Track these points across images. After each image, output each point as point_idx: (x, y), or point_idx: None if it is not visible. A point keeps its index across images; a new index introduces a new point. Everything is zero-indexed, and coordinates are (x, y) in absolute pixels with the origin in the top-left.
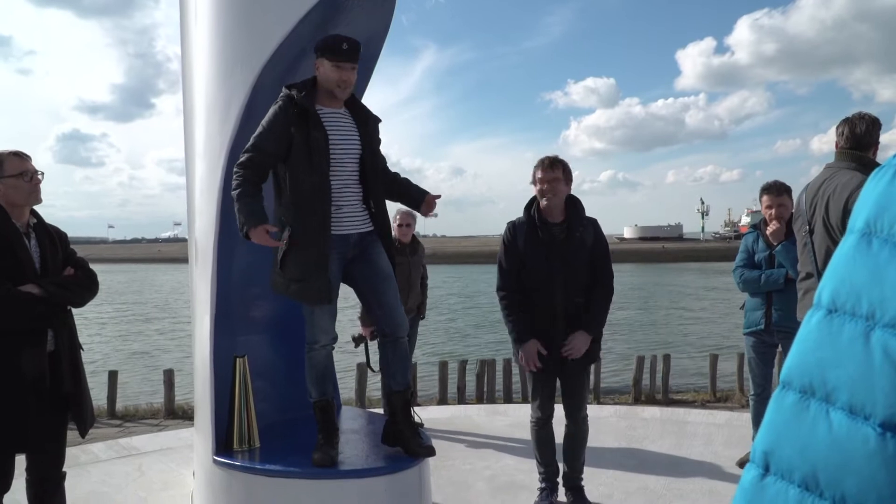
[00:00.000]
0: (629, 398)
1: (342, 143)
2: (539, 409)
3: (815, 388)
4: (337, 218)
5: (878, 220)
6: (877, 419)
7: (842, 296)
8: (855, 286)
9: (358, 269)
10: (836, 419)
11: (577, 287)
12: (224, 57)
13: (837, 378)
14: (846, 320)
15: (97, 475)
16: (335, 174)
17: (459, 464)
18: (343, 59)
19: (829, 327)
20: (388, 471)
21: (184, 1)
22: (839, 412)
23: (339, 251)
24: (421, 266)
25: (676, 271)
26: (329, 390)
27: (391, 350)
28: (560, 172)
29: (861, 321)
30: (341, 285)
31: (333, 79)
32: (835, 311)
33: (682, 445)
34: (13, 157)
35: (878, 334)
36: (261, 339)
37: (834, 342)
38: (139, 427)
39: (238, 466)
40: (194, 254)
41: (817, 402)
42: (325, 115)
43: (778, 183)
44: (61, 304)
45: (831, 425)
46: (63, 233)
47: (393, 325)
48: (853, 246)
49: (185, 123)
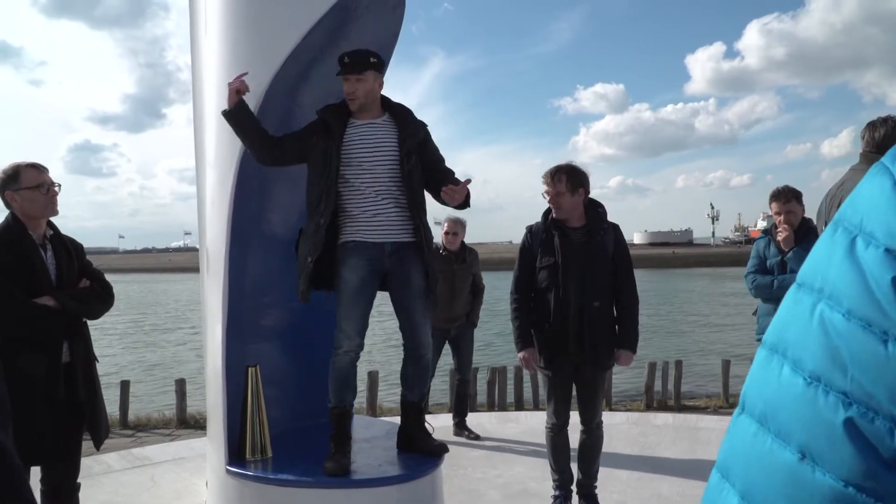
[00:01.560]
0: (641, 405)
1: (373, 150)
2: (554, 416)
3: (777, 345)
4: (371, 225)
5: (844, 211)
6: (807, 371)
7: (807, 273)
8: (816, 265)
9: (393, 282)
10: (785, 371)
11: (595, 291)
12: (234, 66)
13: (790, 338)
14: (805, 292)
15: (110, 486)
16: (367, 180)
17: (471, 472)
18: (346, 72)
19: (795, 297)
20: (401, 479)
21: (194, 11)
22: (787, 366)
23: (370, 259)
24: (470, 274)
25: (687, 277)
26: (348, 398)
27: (412, 364)
28: (563, 184)
29: (814, 294)
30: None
31: (344, 92)
32: (802, 286)
33: (696, 451)
34: (30, 169)
35: (820, 305)
36: (272, 347)
37: (795, 310)
38: (151, 437)
39: (251, 476)
40: (206, 263)
41: (778, 357)
42: (356, 126)
43: (787, 189)
44: (76, 315)
45: (781, 375)
46: (79, 244)
47: (416, 342)
48: (827, 234)
49: (196, 133)
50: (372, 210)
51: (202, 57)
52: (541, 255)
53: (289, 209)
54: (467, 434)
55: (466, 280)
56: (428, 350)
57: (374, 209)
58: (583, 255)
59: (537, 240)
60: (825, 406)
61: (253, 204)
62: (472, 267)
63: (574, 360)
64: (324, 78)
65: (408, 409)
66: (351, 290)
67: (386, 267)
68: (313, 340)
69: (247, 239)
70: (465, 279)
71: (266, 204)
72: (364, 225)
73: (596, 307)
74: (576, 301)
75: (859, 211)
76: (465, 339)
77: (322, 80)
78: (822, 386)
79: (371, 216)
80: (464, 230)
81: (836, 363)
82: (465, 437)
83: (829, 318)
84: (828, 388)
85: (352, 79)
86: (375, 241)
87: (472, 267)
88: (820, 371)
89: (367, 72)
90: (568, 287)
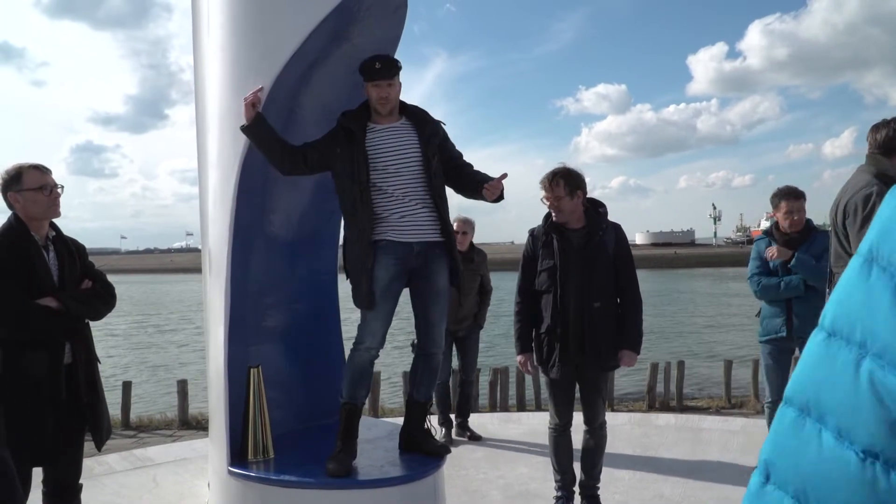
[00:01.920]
0: (643, 405)
1: (397, 152)
2: (557, 416)
3: (810, 408)
4: (399, 225)
5: (880, 246)
6: (859, 445)
7: (840, 320)
8: (851, 312)
9: (417, 283)
10: (826, 440)
11: (595, 291)
12: (237, 67)
13: (829, 401)
14: (842, 345)
15: (112, 487)
16: (394, 183)
17: (473, 473)
18: (378, 77)
19: (826, 350)
20: (403, 480)
21: (196, 12)
22: (829, 434)
23: (399, 258)
24: (478, 275)
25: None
26: (361, 396)
27: (423, 364)
28: (561, 189)
29: (854, 348)
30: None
31: (373, 97)
32: (833, 335)
33: (698, 452)
34: (33, 171)
35: (866, 364)
36: (275, 348)
37: (830, 365)
38: (153, 438)
39: (253, 477)
40: (208, 263)
41: (812, 422)
42: (377, 130)
43: (795, 188)
44: (78, 316)
45: (821, 445)
46: (81, 245)
47: (430, 341)
48: (856, 270)
49: (199, 133)
50: (400, 212)
51: (205, 58)
52: (541, 257)
53: (291, 210)
54: (469, 435)
55: (475, 281)
56: (440, 350)
57: (402, 211)
58: (582, 256)
59: (539, 243)
60: (887, 489)
61: (255, 205)
62: (480, 268)
63: (575, 361)
64: (326, 79)
65: (413, 408)
66: (381, 287)
67: (413, 265)
68: (316, 341)
69: (249, 240)
70: (473, 280)
71: (268, 205)
72: (393, 226)
73: (597, 308)
74: (576, 302)
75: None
76: (472, 341)
77: (324, 82)
78: (879, 464)
79: (399, 218)
80: (473, 230)
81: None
82: (466, 437)
83: (882, 380)
84: (889, 467)
85: (383, 84)
86: (404, 240)
87: (480, 268)
88: (878, 446)
89: (397, 76)
90: (567, 289)
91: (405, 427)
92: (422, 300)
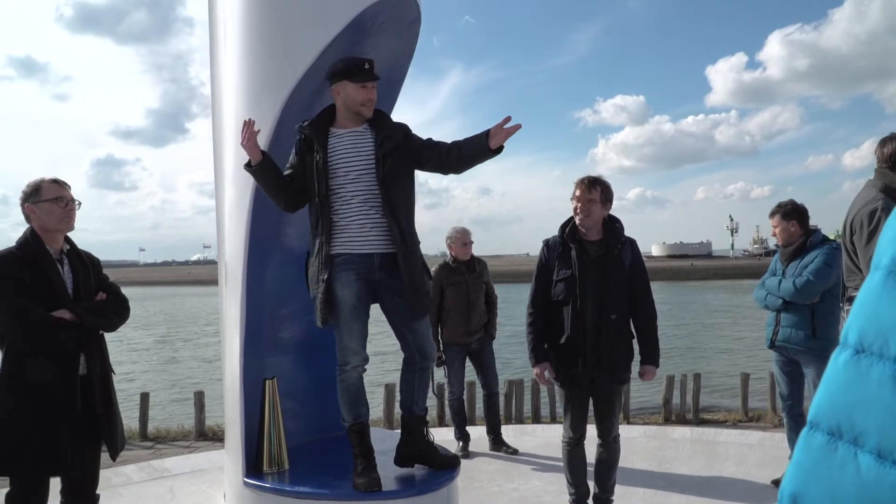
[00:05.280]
0: (659, 418)
1: (356, 159)
2: (571, 429)
3: (843, 431)
4: (358, 237)
5: None
6: None
7: (869, 336)
8: (883, 326)
9: (386, 297)
10: (865, 463)
11: (612, 304)
12: (252, 82)
13: (866, 421)
14: (874, 362)
15: (129, 497)
16: (352, 190)
17: (487, 485)
18: (369, 78)
19: (856, 368)
20: (417, 492)
21: (213, 28)
22: (867, 455)
23: (359, 272)
24: (483, 284)
25: (705, 289)
26: (363, 413)
27: (418, 378)
28: (598, 194)
29: (890, 363)
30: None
31: (359, 99)
32: (862, 352)
33: (714, 466)
34: (51, 184)
35: None
36: (290, 359)
37: (862, 384)
38: (170, 449)
39: (268, 488)
40: (224, 276)
41: (845, 445)
42: (340, 135)
43: (778, 205)
44: (93, 328)
45: (859, 469)
46: (96, 259)
47: (423, 354)
48: (880, 284)
49: (215, 148)
50: (359, 220)
51: (221, 73)
52: (558, 267)
53: (306, 223)
54: (505, 449)
55: (480, 290)
56: (433, 362)
57: (361, 219)
58: (600, 268)
59: (554, 253)
60: None
61: (271, 218)
62: (483, 276)
63: (591, 374)
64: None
65: (416, 423)
66: (347, 306)
67: (376, 278)
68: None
69: (265, 252)
70: (479, 289)
71: (283, 218)
72: (352, 235)
73: (613, 320)
74: (592, 314)
75: None
76: (487, 352)
77: None
78: None
79: (358, 227)
80: (471, 241)
81: None
82: (503, 451)
83: None
84: None
85: (370, 85)
86: (364, 251)
87: (484, 276)
88: None
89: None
90: (585, 300)
91: (407, 442)
92: (400, 316)
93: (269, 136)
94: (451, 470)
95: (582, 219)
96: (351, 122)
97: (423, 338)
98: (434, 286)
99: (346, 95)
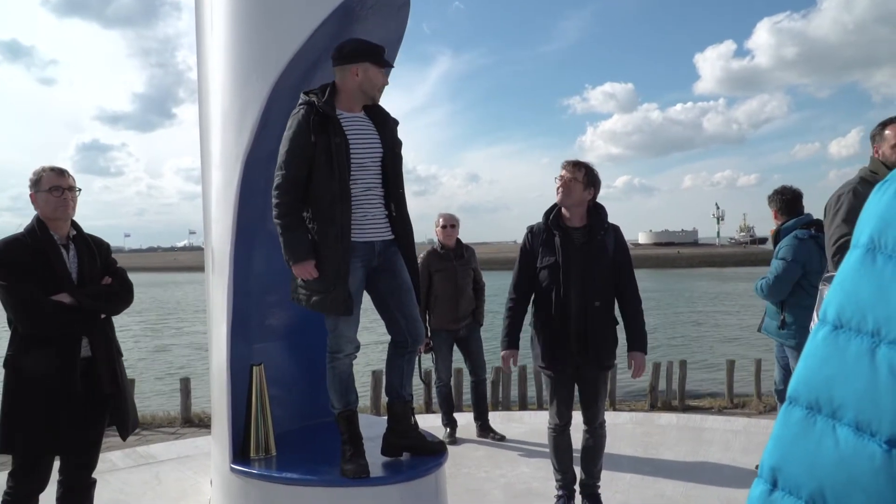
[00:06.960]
0: (645, 405)
1: (364, 147)
2: (557, 416)
3: (821, 405)
4: (361, 224)
5: (882, 235)
6: (883, 436)
7: (847, 312)
8: (860, 302)
9: (382, 279)
10: (843, 435)
11: (596, 291)
12: (239, 67)
13: (844, 394)
14: (852, 336)
15: (115, 484)
16: (359, 179)
17: (475, 471)
18: (387, 63)
19: (835, 343)
20: (405, 478)
21: (200, 11)
22: (846, 428)
23: (363, 259)
24: (470, 270)
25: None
26: (353, 400)
27: (407, 362)
28: (581, 175)
29: (867, 338)
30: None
31: (378, 83)
32: (840, 328)
33: (700, 452)
34: (49, 173)
35: (883, 351)
36: (277, 346)
37: (840, 358)
38: (156, 435)
39: (255, 474)
40: (211, 262)
41: (824, 419)
42: (346, 119)
43: (773, 191)
44: (94, 312)
45: (838, 442)
46: (105, 243)
47: (415, 335)
48: (858, 261)
49: (202, 133)
50: (362, 209)
51: (208, 57)
52: (542, 254)
53: None
54: (492, 435)
55: (468, 276)
56: (421, 344)
57: (364, 207)
58: (584, 254)
59: (538, 240)
60: None
61: (258, 203)
62: (471, 262)
63: (576, 360)
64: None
65: (402, 407)
66: (354, 292)
67: (374, 265)
68: (318, 339)
69: (251, 238)
70: (466, 275)
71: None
72: (358, 224)
73: (597, 307)
74: (577, 301)
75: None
76: (474, 339)
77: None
78: None
79: (361, 215)
80: (459, 224)
81: None
82: (490, 438)
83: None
84: None
85: (384, 71)
86: (366, 240)
87: (472, 262)
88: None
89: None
90: (569, 286)
91: (395, 428)
92: (395, 296)
93: (255, 120)
94: (439, 456)
95: (562, 198)
96: (356, 106)
97: (416, 320)
98: (422, 273)
99: (367, 78)
